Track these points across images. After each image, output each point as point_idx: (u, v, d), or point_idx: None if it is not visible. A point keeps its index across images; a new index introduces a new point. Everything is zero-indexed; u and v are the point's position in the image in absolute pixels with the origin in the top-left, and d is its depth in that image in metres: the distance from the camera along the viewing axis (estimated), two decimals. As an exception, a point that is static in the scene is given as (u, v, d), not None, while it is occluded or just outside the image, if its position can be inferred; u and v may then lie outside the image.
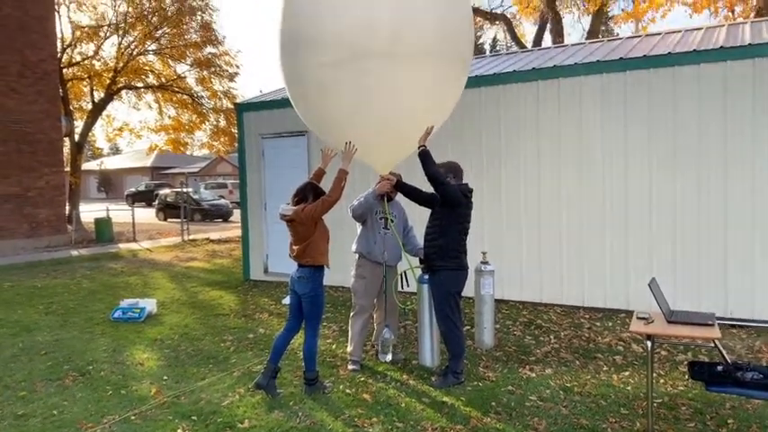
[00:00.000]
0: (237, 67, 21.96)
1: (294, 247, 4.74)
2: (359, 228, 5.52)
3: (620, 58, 7.14)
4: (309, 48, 4.62)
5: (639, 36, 9.41)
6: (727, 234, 6.54)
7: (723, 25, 8.62)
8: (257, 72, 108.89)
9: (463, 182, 5.06)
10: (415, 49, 4.51)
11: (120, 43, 20.15)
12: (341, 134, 4.94)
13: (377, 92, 4.60)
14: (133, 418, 4.35)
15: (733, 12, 16.18)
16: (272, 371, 4.72)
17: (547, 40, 21.05)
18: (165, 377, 5.22)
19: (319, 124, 5.25)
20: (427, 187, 5.13)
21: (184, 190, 20.95)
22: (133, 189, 41.19)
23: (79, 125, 20.72)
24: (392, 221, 5.36)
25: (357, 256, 5.46)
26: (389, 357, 5.30)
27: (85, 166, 31.80)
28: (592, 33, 19.13)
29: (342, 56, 4.49)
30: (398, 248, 5.42)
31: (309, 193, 4.69)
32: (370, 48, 4.44)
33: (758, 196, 6.39)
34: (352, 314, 5.53)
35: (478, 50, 28.06)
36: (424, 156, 4.79)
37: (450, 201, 4.82)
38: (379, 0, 4.48)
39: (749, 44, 6.48)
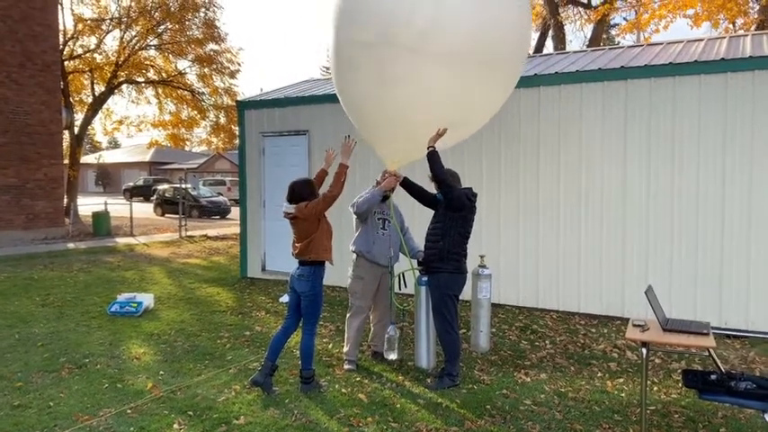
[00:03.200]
0: (239, 64, 22.03)
1: (297, 245, 4.76)
2: (356, 227, 5.54)
3: (622, 66, 7.18)
4: (348, 21, 4.67)
5: (641, 46, 9.46)
6: (723, 245, 6.59)
7: (724, 37, 8.67)
8: (258, 70, 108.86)
9: (467, 186, 5.10)
10: (444, 50, 4.50)
11: (122, 37, 20.18)
12: (359, 115, 5.03)
13: (401, 83, 4.62)
14: (129, 411, 4.36)
15: (734, 24, 16.27)
16: (269, 368, 4.74)
17: (548, 46, 21.14)
18: (162, 372, 5.23)
19: (344, 100, 5.31)
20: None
21: (183, 186, 20.92)
22: (131, 184, 41.11)
23: (79, 118, 20.72)
24: (389, 222, 5.39)
25: (355, 255, 5.48)
26: (395, 356, 5.30)
27: (84, 159, 31.77)
28: (594, 41, 19.21)
29: (375, 38, 4.52)
30: (397, 248, 5.46)
31: (304, 190, 4.71)
32: (400, 37, 4.45)
33: (755, 208, 6.44)
34: (348, 314, 5.54)
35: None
36: (433, 157, 4.82)
37: (454, 204, 4.85)
38: None
39: (750, 56, 6.53)
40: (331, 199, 4.64)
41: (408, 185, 5.24)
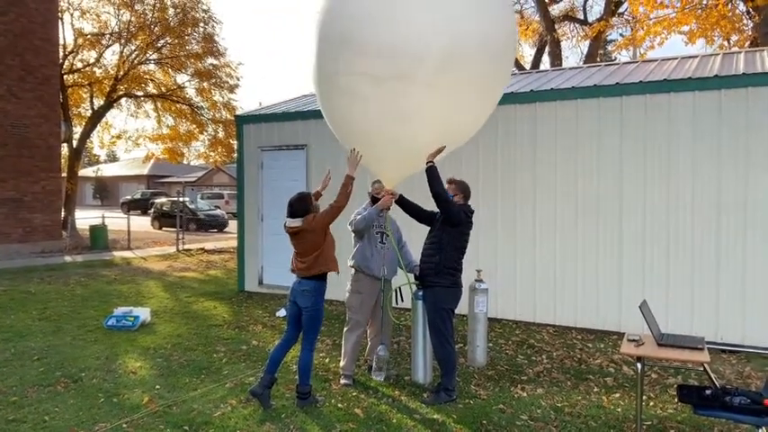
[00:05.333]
0: (238, 79, 22.15)
1: (302, 260, 4.72)
2: (354, 242, 5.56)
3: (617, 83, 7.26)
4: (355, 53, 4.47)
5: (636, 62, 9.57)
6: (719, 260, 6.62)
7: (718, 54, 8.78)
8: (257, 84, 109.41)
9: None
10: (459, 80, 4.48)
11: (121, 52, 20.30)
12: (360, 144, 4.93)
13: (411, 115, 4.57)
14: (125, 426, 4.35)
15: (729, 41, 16.44)
16: (268, 381, 4.73)
17: (545, 62, 21.34)
18: (158, 386, 5.22)
19: (342, 130, 5.19)
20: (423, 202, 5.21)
21: (180, 199, 20.94)
22: (129, 197, 41.13)
23: (77, 131, 20.78)
24: (388, 236, 5.41)
25: (353, 270, 5.50)
26: (382, 377, 5.32)
27: (82, 172, 31.83)
28: (590, 57, 19.39)
29: (385, 71, 4.40)
30: (395, 262, 5.47)
31: (303, 205, 4.72)
32: (415, 72, 4.36)
33: (750, 223, 6.48)
34: (346, 329, 5.54)
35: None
36: (431, 172, 4.86)
37: (451, 219, 4.89)
38: (439, 22, 4.34)
39: (743, 73, 6.62)
40: (338, 210, 4.66)
41: (404, 203, 5.29)
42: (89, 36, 20.33)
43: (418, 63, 4.36)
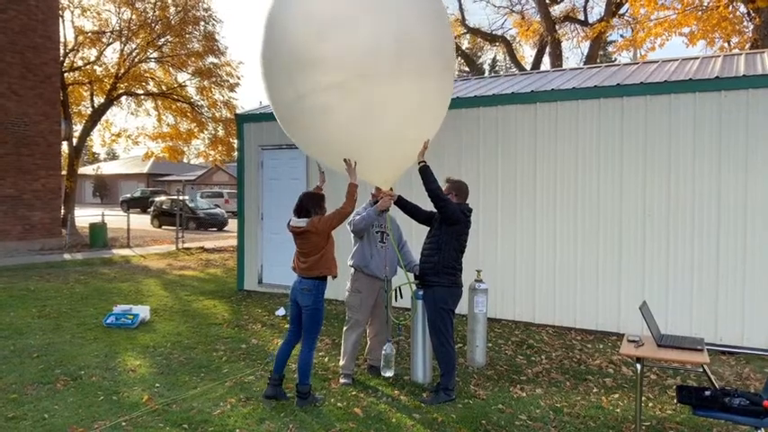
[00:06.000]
0: (239, 77, 22.14)
1: (304, 260, 4.72)
2: (354, 241, 5.57)
3: (618, 84, 7.27)
4: (310, 70, 4.45)
5: (637, 63, 9.58)
6: (719, 261, 6.63)
7: (719, 56, 8.78)
8: (258, 83, 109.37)
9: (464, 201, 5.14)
10: (418, 68, 4.50)
11: (122, 50, 20.29)
12: (341, 155, 4.87)
13: (380, 112, 4.55)
14: (124, 424, 4.35)
15: (729, 43, 16.45)
16: (276, 380, 4.81)
17: (545, 63, 21.35)
18: (157, 384, 5.22)
19: (318, 146, 5.12)
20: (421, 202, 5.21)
21: (180, 198, 20.93)
22: (128, 195, 41.10)
23: (78, 129, 20.77)
24: (388, 235, 5.42)
25: (353, 270, 5.50)
26: (391, 373, 5.32)
27: (82, 170, 31.76)
28: (590, 58, 19.41)
29: (345, 77, 4.40)
30: (395, 262, 5.47)
31: (313, 204, 4.74)
32: (374, 69, 4.37)
33: (750, 224, 6.49)
34: (345, 328, 5.54)
35: (478, 71, 28.37)
36: (425, 171, 4.86)
37: (449, 218, 4.89)
38: (382, 21, 4.40)
39: (744, 75, 6.62)
40: (344, 215, 4.70)
41: (403, 204, 5.29)
42: (90, 34, 20.32)
43: (375, 58, 4.36)
